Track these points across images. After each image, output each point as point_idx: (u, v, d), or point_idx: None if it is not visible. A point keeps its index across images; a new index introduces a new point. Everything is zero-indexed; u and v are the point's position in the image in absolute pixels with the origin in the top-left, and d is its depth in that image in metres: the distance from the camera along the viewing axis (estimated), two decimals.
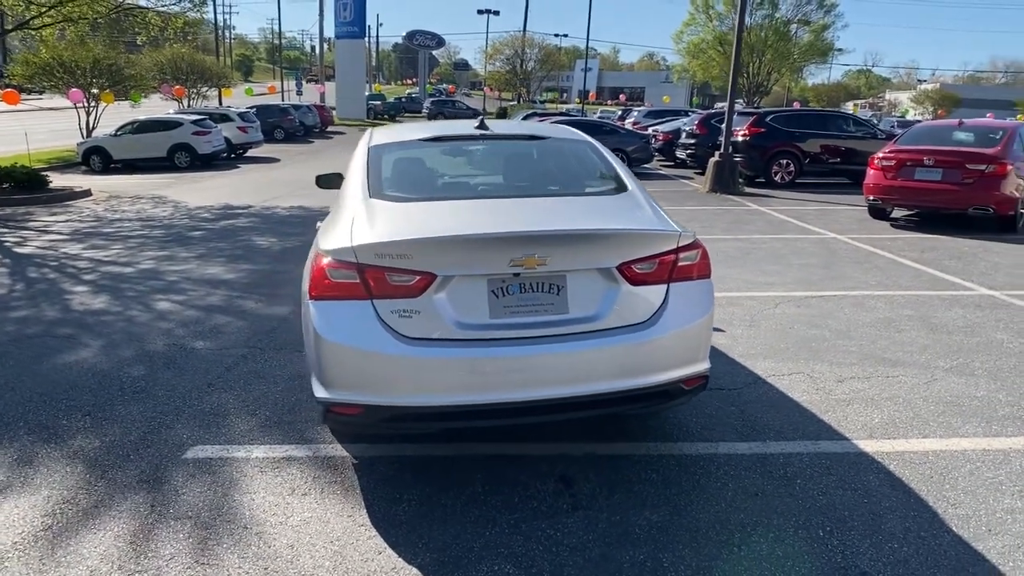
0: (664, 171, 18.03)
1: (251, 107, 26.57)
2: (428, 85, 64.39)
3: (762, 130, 14.57)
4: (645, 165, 17.66)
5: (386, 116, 44.09)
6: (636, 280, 2.79)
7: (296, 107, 30.68)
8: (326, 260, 2.72)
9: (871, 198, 9.74)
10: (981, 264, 7.25)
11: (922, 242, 8.48)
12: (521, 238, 2.66)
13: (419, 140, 3.74)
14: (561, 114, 24.72)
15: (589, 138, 3.91)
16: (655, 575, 2.36)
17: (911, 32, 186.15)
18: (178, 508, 2.75)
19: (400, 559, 2.44)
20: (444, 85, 71.81)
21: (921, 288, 6.26)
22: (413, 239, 2.65)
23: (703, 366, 2.94)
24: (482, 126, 3.81)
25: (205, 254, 7.75)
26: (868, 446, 3.27)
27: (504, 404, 2.67)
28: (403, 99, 52.46)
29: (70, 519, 2.68)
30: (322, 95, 43.84)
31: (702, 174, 15.03)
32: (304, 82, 52.71)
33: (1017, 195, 8.82)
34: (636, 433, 3.37)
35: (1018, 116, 55.97)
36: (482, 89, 54.64)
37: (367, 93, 48.25)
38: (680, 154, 18.12)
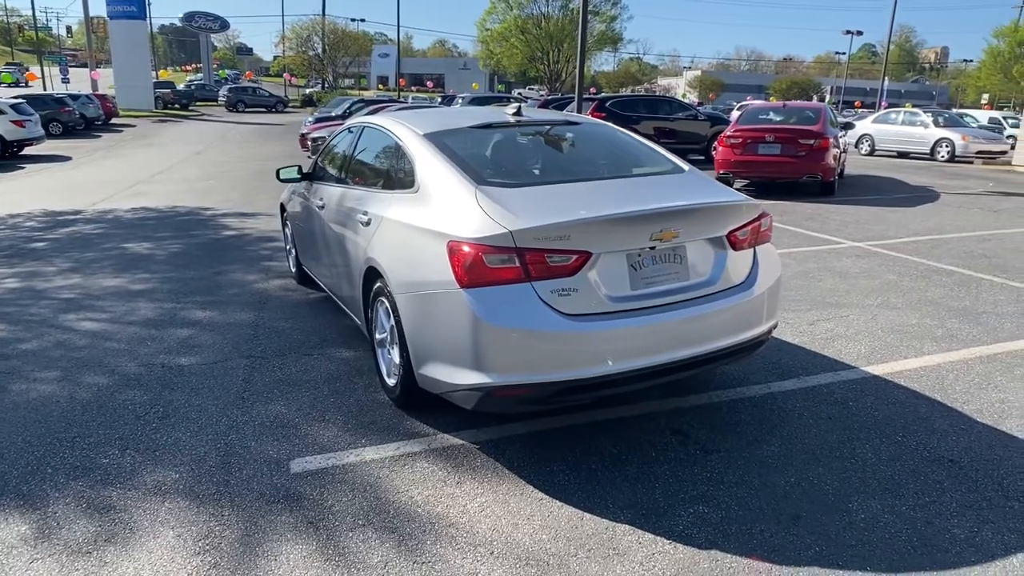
0: None
1: (19, 97, 22.69)
2: (222, 71, 59.04)
3: (603, 115, 15.76)
4: None
5: (178, 105, 39.91)
6: (737, 246, 3.16)
7: (74, 97, 26.72)
8: (476, 247, 2.72)
9: (721, 172, 11.13)
10: (831, 222, 8.75)
11: (772, 207, 9.94)
12: (662, 214, 2.89)
13: (470, 127, 3.74)
14: (390, 101, 24.28)
15: (609, 123, 4.18)
16: (813, 488, 2.77)
17: (673, 24, 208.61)
18: (343, 519, 2.61)
19: (605, 520, 2.59)
20: (234, 71, 66.35)
21: (805, 245, 7.44)
22: (572, 220, 2.76)
23: (778, 316, 3.40)
24: (519, 112, 3.90)
25: (78, 266, 6.74)
26: (873, 370, 3.99)
27: (650, 368, 2.90)
28: (192, 86, 47.68)
29: (239, 560, 2.43)
30: (95, 82, 38.41)
31: None
32: (69, 68, 45.70)
33: (835, 164, 10.70)
34: (705, 385, 3.76)
35: (770, 97, 65.57)
36: (282, 76, 51.52)
37: (154, 80, 43.18)
38: None
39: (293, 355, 4.31)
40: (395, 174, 3.62)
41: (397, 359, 3.38)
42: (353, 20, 53.44)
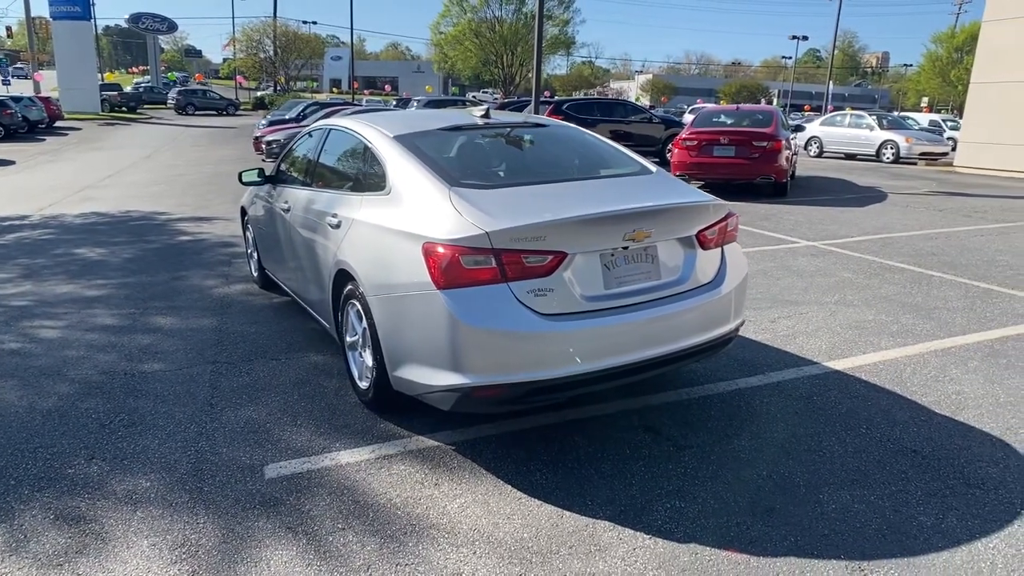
0: None
1: None
2: (171, 74, 57.21)
3: (561, 117, 15.92)
4: None
5: (125, 108, 38.63)
6: (706, 245, 3.24)
7: (15, 99, 25.64)
8: (452, 248, 2.72)
9: (677, 173, 11.35)
10: (785, 222, 9.01)
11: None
12: (635, 214, 2.94)
13: (439, 129, 3.73)
14: (345, 104, 23.97)
15: (572, 124, 4.22)
16: (785, 481, 2.86)
17: (624, 28, 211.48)
18: (322, 523, 2.57)
19: (585, 517, 2.62)
20: (182, 73, 64.46)
21: (762, 244, 7.64)
22: (548, 221, 2.78)
23: (744, 314, 3.49)
24: (487, 115, 3.92)
25: (29, 273, 6.48)
26: (834, 365, 4.13)
27: (624, 366, 2.94)
28: (140, 88, 46.21)
29: (218, 567, 2.37)
30: (37, 84, 36.89)
31: None
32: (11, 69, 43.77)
33: (787, 166, 11.02)
34: (674, 383, 3.83)
35: (720, 101, 67.00)
36: (232, 78, 50.23)
37: (100, 83, 41.68)
38: None
39: (260, 360, 4.23)
40: (365, 176, 3.60)
41: (370, 362, 3.35)
42: (305, 22, 52.53)
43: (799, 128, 18.56)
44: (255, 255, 5.81)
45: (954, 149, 18.61)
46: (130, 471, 2.95)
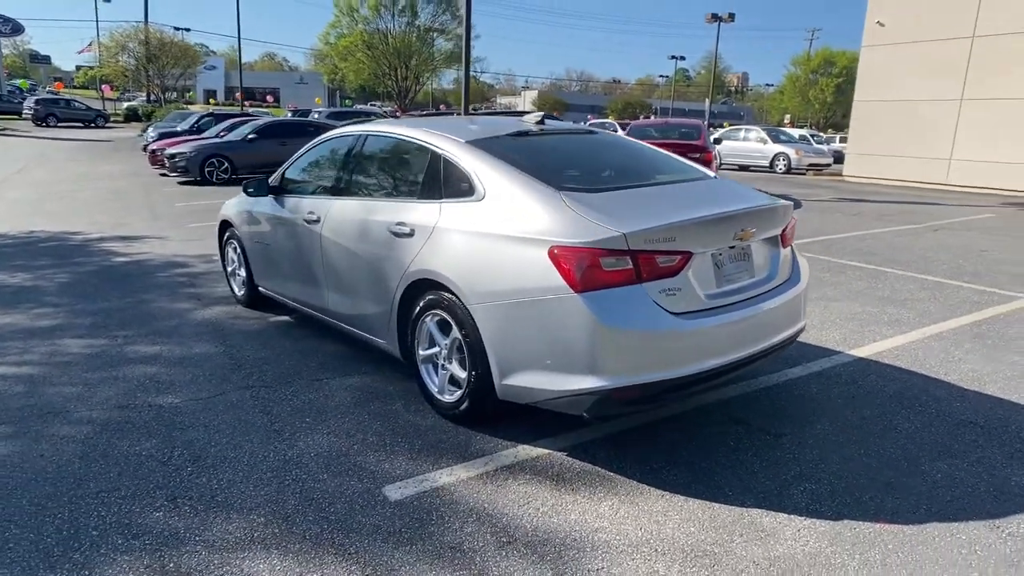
0: None
1: None
2: (24, 81, 51.59)
3: None
4: None
5: None
6: (785, 244, 3.45)
7: None
8: (590, 250, 2.74)
9: None
10: None
11: None
12: (743, 214, 3.10)
13: (506, 135, 3.71)
14: (245, 115, 22.83)
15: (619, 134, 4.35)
16: (883, 457, 3.09)
17: (507, 44, 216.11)
18: (483, 540, 2.49)
19: (734, 507, 2.70)
20: (31, 81, 58.49)
21: None
22: (677, 222, 2.87)
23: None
24: (542, 121, 3.95)
25: None
26: (857, 353, 4.49)
27: (740, 360, 3.08)
28: None
29: None
30: None
31: None
32: None
33: None
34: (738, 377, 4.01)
35: (609, 116, 69.97)
36: (88, 87, 46.16)
37: None
38: None
39: (298, 383, 3.99)
40: (440, 182, 3.50)
41: (461, 373, 3.28)
42: (178, 29, 49.43)
43: (718, 141, 20.06)
44: (240, 272, 5.45)
45: (838, 161, 20.60)
46: (232, 510, 2.71)
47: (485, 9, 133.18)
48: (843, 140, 35.11)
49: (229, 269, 5.72)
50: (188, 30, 51.86)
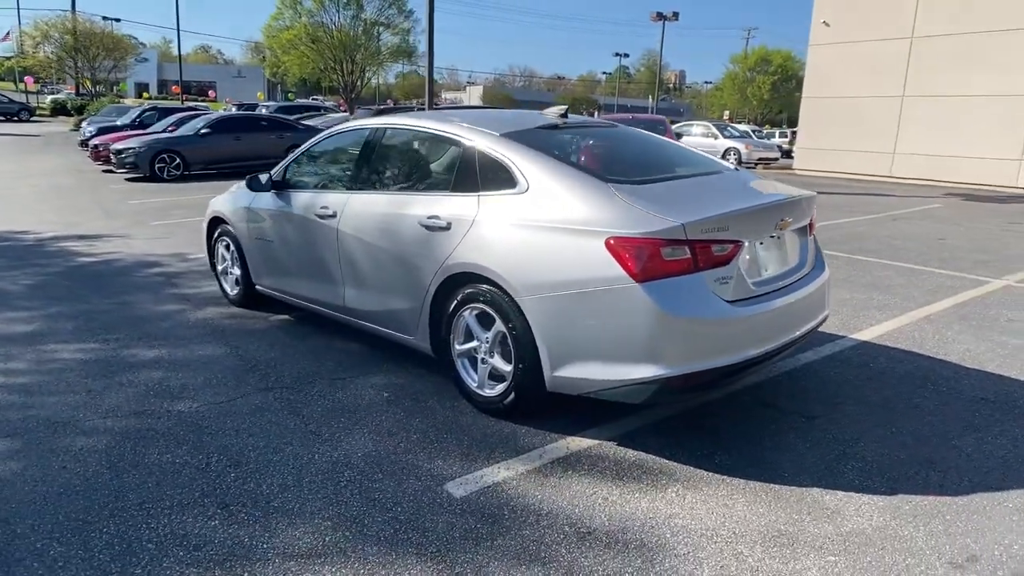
0: None
1: None
2: None
3: None
4: None
5: None
6: (810, 233, 3.56)
7: None
8: (650, 240, 2.76)
9: None
10: None
11: None
12: (783, 205, 3.18)
13: (537, 128, 3.68)
14: (191, 110, 21.95)
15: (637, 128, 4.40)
16: (915, 434, 3.24)
17: (451, 38, 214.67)
18: (562, 532, 2.49)
19: (795, 487, 2.78)
20: None
21: None
22: (730, 212, 2.93)
23: None
24: (565, 115, 3.95)
25: None
26: (860, 337, 4.68)
27: (780, 346, 3.17)
28: None
29: None
30: None
31: None
32: None
33: None
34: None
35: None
36: (11, 79, 43.40)
37: None
38: None
39: (321, 383, 3.89)
40: (475, 175, 3.45)
41: (505, 367, 3.26)
42: (107, 19, 47.03)
43: (678, 135, 20.59)
44: (234, 271, 5.26)
45: (790, 155, 21.32)
46: (293, 515, 2.61)
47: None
48: (782, 136, 36.53)
49: (220, 268, 5.51)
50: (118, 20, 49.50)
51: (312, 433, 3.28)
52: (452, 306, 3.44)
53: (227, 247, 5.33)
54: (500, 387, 3.33)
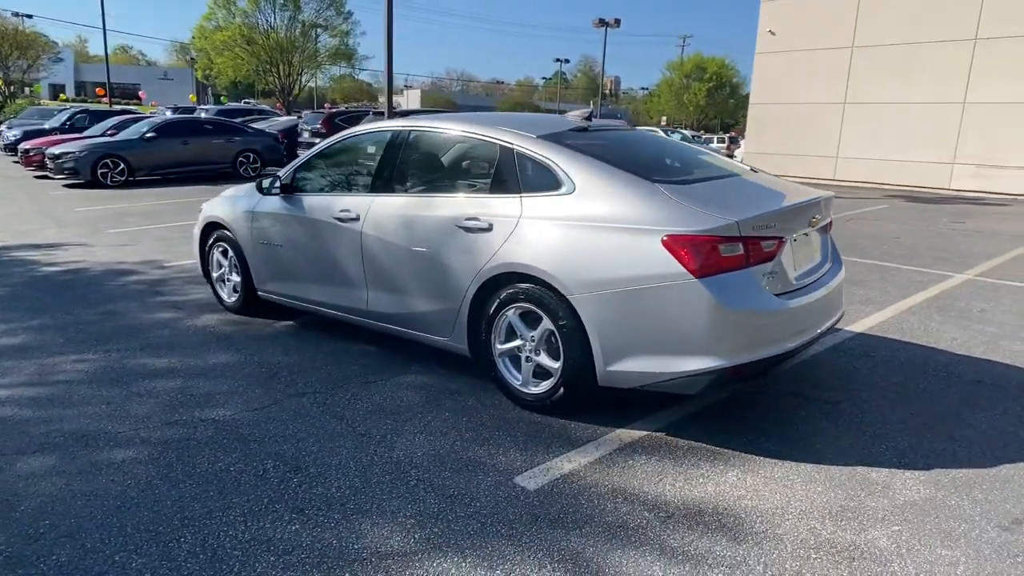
0: None
1: None
2: None
3: (331, 126, 17.33)
4: (274, 167, 17.12)
5: None
6: (829, 231, 3.81)
7: None
8: (709, 238, 2.92)
9: None
10: None
11: None
12: (814, 204, 3.41)
13: (571, 131, 3.80)
14: (126, 112, 21.08)
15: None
16: (931, 415, 3.52)
17: (382, 40, 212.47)
18: (645, 520, 2.61)
19: (841, 467, 3.00)
20: None
21: None
22: (775, 211, 3.14)
23: None
24: (589, 119, 4.10)
25: None
26: (854, 329, 5.01)
27: (813, 337, 3.40)
28: None
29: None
30: None
31: None
32: None
33: None
34: None
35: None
36: None
37: None
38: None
39: (352, 386, 3.89)
40: (515, 177, 3.54)
41: (553, 363, 3.37)
42: (17, 15, 44.48)
43: None
44: (232, 277, 5.17)
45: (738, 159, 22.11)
46: (375, 515, 2.65)
47: (368, 5, 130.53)
48: (720, 141, 37.93)
49: (215, 275, 5.39)
50: (30, 16, 46.97)
51: (362, 435, 3.30)
52: (494, 306, 3.52)
53: (224, 253, 5.24)
54: (546, 384, 3.43)
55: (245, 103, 55.99)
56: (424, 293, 3.85)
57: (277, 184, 4.65)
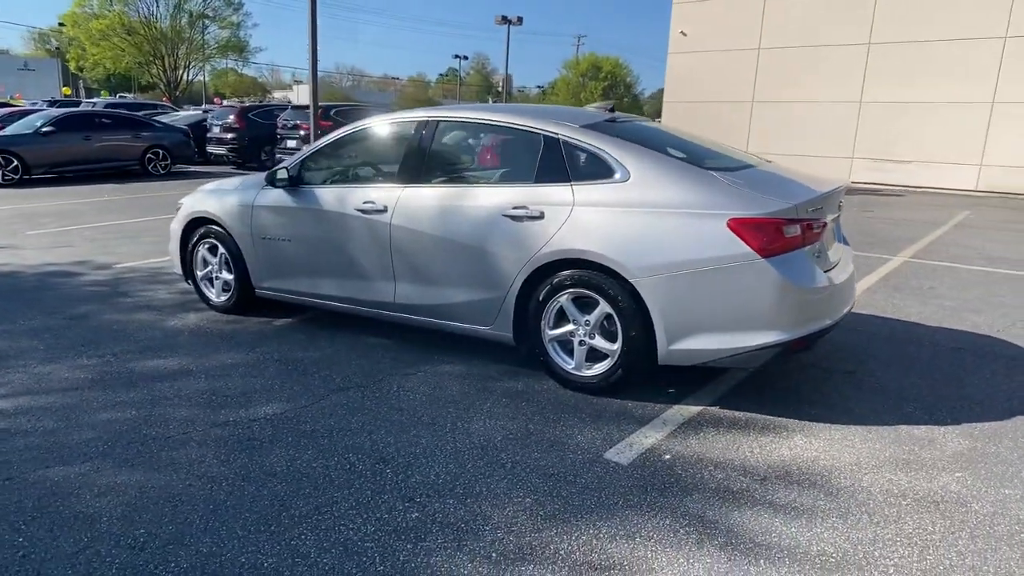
0: (207, 168, 16.77)
1: None
2: None
3: (330, 122, 15.79)
4: (184, 165, 16.16)
5: None
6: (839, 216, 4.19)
7: None
8: (774, 220, 3.17)
9: None
10: None
11: None
12: (841, 190, 3.74)
13: (606, 122, 3.93)
14: (36, 109, 19.19)
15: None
16: (940, 380, 3.95)
17: (271, 35, 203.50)
18: (741, 486, 2.82)
19: (885, 426, 3.33)
20: None
21: None
22: (821, 194, 3.42)
23: None
24: (612, 110, 4.26)
25: None
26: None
27: (849, 308, 3.75)
28: None
29: (734, 552, 2.49)
30: None
31: (255, 168, 15.36)
32: None
33: None
34: None
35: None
36: None
37: None
38: (216, 149, 17.22)
39: (392, 379, 3.87)
40: (564, 165, 3.63)
41: (611, 346, 3.51)
42: None
43: None
44: (224, 275, 4.96)
45: None
46: (484, 498, 2.70)
47: None
48: None
49: (200, 273, 5.13)
50: None
51: (432, 424, 3.31)
52: (544, 292, 3.62)
53: (212, 250, 5.01)
54: (601, 366, 3.57)
55: (120, 97, 52.20)
56: (463, 283, 3.88)
57: (285, 176, 4.51)
